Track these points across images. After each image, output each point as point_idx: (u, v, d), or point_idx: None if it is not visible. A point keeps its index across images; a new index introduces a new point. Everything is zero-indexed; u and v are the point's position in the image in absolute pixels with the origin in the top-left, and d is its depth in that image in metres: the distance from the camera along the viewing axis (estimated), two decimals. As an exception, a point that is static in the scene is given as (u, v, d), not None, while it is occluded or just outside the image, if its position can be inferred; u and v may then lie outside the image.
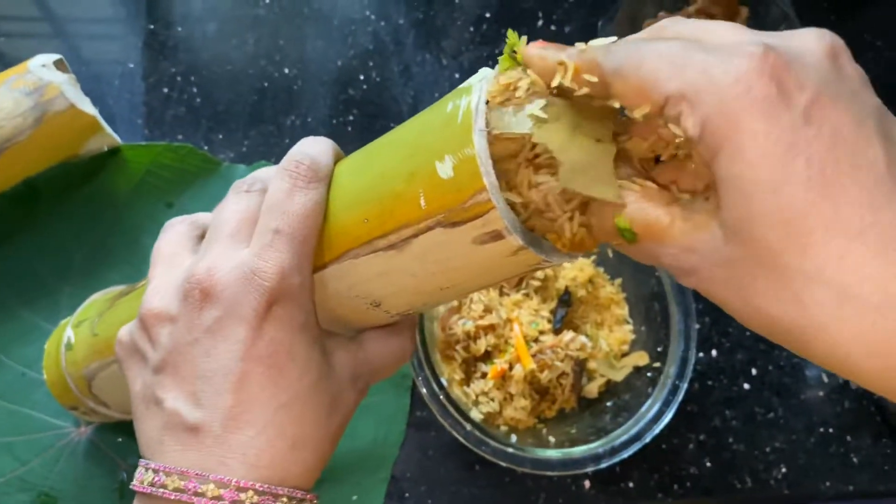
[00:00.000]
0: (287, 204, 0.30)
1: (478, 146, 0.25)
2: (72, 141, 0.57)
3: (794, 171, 0.21)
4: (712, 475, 0.61)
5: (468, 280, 0.29)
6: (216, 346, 0.30)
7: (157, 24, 0.65)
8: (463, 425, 0.51)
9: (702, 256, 0.24)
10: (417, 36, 0.67)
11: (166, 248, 0.35)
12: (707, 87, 0.22)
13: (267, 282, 0.29)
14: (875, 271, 0.20)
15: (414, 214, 0.27)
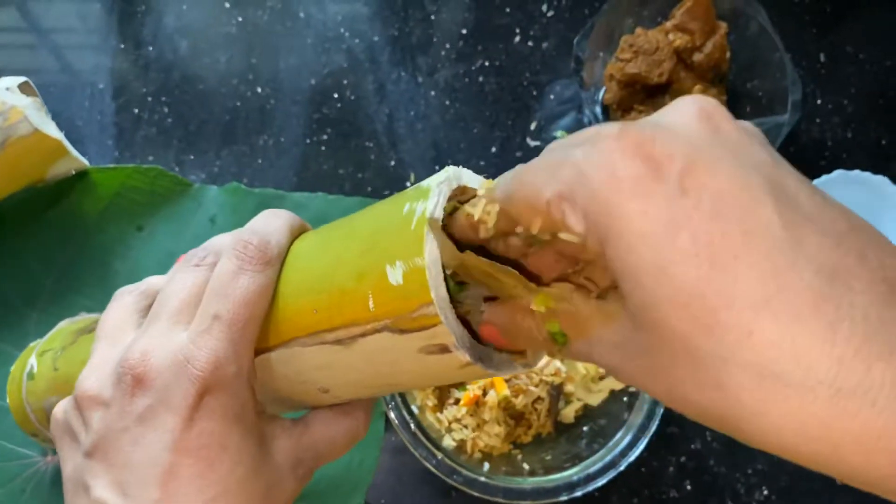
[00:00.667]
0: (230, 288, 0.29)
1: (428, 258, 0.25)
2: (37, 165, 0.56)
3: (680, 248, 0.19)
4: (693, 498, 0.60)
5: (417, 382, 0.29)
6: (145, 436, 0.29)
7: (127, 44, 0.65)
8: (434, 454, 0.51)
9: (622, 350, 0.22)
10: (393, 53, 0.67)
11: (110, 322, 0.34)
12: (579, 180, 0.21)
13: (200, 371, 0.28)
14: (791, 344, 0.18)
15: (362, 315, 0.27)
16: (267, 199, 0.60)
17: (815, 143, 0.68)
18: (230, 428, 0.29)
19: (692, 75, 0.64)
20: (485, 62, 0.67)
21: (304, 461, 0.32)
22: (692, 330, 0.19)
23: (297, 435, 0.32)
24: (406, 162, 0.64)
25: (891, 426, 0.18)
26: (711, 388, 0.20)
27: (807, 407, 0.18)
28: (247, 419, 0.30)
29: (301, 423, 0.33)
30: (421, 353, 0.26)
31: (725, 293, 0.19)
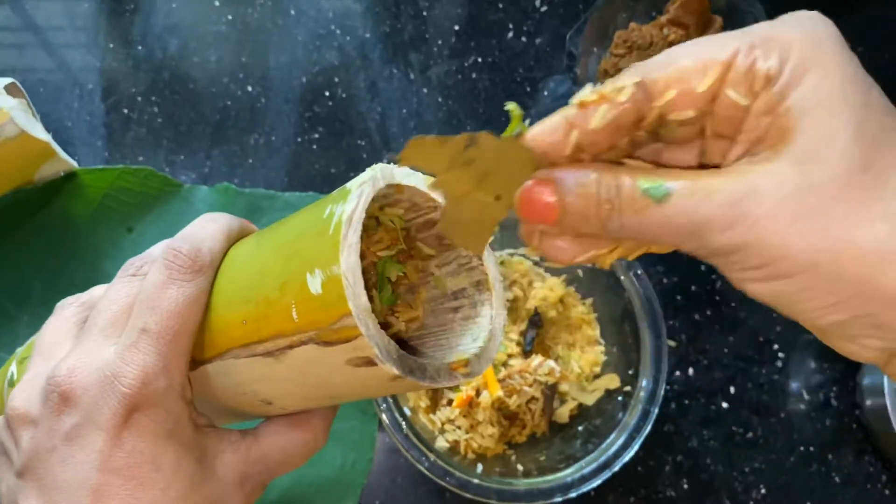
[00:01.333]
0: (158, 299, 0.28)
1: (345, 265, 0.23)
2: (24, 168, 0.55)
3: (873, 96, 0.21)
4: (690, 497, 0.60)
5: (356, 394, 0.27)
6: (74, 455, 0.28)
7: (115, 43, 0.64)
8: (427, 456, 0.50)
9: (762, 197, 0.21)
10: (384, 50, 0.66)
11: (48, 337, 0.32)
12: (781, 31, 0.22)
13: (126, 388, 0.27)
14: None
15: (287, 326, 0.25)
16: (258, 200, 0.59)
17: (813, 137, 0.68)
18: (162, 445, 0.28)
19: (687, 70, 0.63)
20: (478, 58, 0.67)
21: (252, 476, 0.31)
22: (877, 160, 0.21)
23: (245, 448, 0.31)
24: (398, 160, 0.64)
25: None
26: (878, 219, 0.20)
27: None
28: (182, 435, 0.29)
29: (250, 436, 0.31)
30: (349, 366, 0.25)
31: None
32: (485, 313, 0.29)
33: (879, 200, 0.20)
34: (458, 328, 0.30)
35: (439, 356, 0.29)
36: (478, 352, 0.28)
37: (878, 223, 0.20)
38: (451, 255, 0.30)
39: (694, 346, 0.62)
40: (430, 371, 0.26)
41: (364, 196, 0.25)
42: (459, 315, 0.30)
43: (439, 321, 0.31)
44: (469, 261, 0.29)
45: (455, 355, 0.29)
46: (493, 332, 0.29)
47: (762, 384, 0.62)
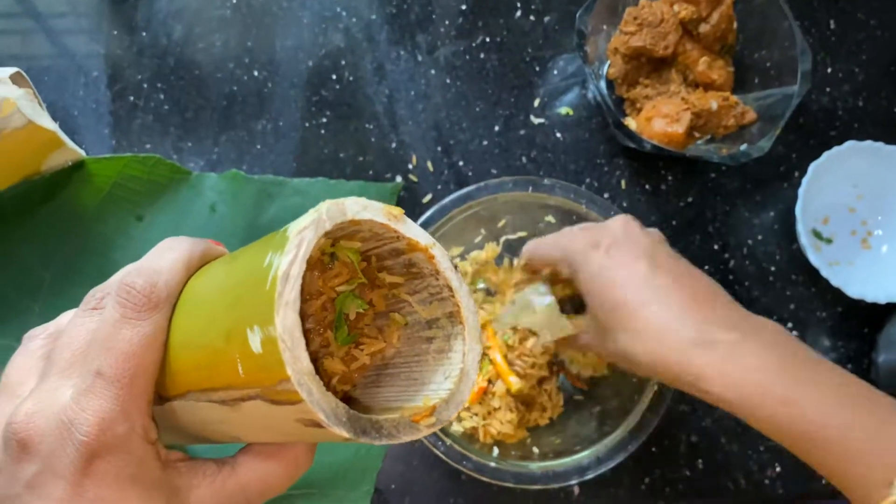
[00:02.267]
0: (112, 340, 0.26)
1: (280, 328, 0.22)
2: (32, 158, 0.55)
3: (610, 279, 0.46)
4: (705, 476, 0.60)
5: (318, 441, 0.26)
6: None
7: (119, 30, 0.63)
8: (443, 440, 0.50)
9: (590, 334, 0.50)
10: (391, 32, 0.65)
11: (13, 375, 0.30)
12: (567, 254, 0.49)
13: (84, 436, 0.26)
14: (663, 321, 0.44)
15: (235, 380, 0.24)
16: (267, 186, 0.59)
17: (826, 112, 0.67)
18: (125, 491, 0.26)
19: (698, 47, 0.62)
20: (486, 38, 0.66)
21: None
22: (616, 320, 0.45)
23: (221, 481, 0.29)
24: (407, 143, 0.63)
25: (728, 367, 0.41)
26: (626, 342, 0.45)
27: (666, 351, 0.43)
28: (147, 477, 0.27)
29: (227, 466, 0.29)
30: (299, 424, 0.24)
31: (630, 296, 0.45)
32: (457, 348, 0.27)
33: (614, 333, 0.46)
34: (432, 361, 0.28)
35: (410, 394, 0.28)
36: (446, 396, 0.26)
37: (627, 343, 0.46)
38: (420, 283, 0.28)
39: (708, 325, 0.62)
40: (388, 428, 0.24)
41: (305, 245, 0.23)
42: (433, 346, 0.29)
43: (414, 351, 0.29)
44: (440, 291, 0.28)
45: (422, 397, 0.27)
46: (465, 371, 0.27)
47: (776, 363, 0.62)
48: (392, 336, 0.29)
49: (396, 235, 0.27)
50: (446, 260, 0.28)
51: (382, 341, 0.29)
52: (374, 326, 0.30)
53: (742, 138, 0.60)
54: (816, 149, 0.63)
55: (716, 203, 0.64)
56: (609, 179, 0.64)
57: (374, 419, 0.24)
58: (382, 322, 0.30)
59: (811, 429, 0.40)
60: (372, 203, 0.25)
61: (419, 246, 0.27)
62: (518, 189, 0.54)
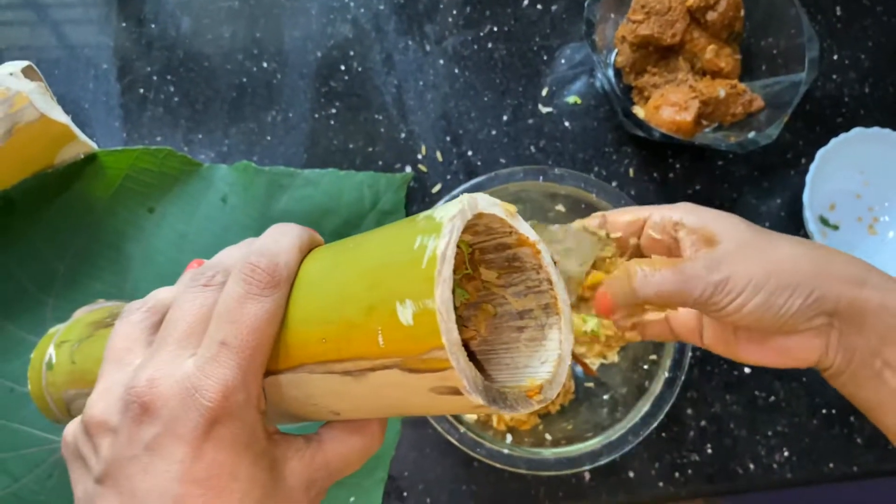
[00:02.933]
0: (237, 313, 0.28)
1: (439, 300, 0.24)
2: (45, 151, 0.55)
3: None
4: (714, 462, 0.60)
5: (429, 413, 0.28)
6: (154, 465, 0.28)
7: (128, 22, 0.63)
8: (457, 428, 0.51)
9: (724, 256, 0.40)
10: (399, 22, 0.65)
11: (119, 343, 0.32)
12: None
13: (208, 401, 0.27)
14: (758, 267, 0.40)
15: (371, 350, 0.26)
16: (278, 177, 0.59)
17: (832, 99, 0.67)
18: (240, 457, 0.28)
19: (706, 35, 0.62)
20: (493, 28, 0.66)
21: (316, 481, 0.31)
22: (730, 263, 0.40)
23: (310, 455, 0.31)
24: (416, 133, 0.63)
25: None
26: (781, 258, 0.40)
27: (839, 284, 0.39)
28: (256, 446, 0.29)
29: (314, 442, 0.32)
30: (432, 393, 0.25)
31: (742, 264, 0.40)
32: (553, 337, 0.30)
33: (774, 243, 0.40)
34: (525, 349, 0.30)
35: (505, 377, 0.30)
36: (549, 377, 0.28)
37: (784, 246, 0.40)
38: (519, 276, 0.30)
39: (716, 312, 0.62)
40: (511, 399, 0.26)
41: (456, 231, 0.25)
42: (525, 335, 0.30)
43: (502, 339, 0.31)
44: (539, 284, 0.30)
45: (526, 378, 0.29)
46: (563, 357, 0.29)
47: (784, 349, 0.62)
48: (480, 325, 0.31)
49: (510, 231, 0.29)
50: (548, 256, 0.30)
51: (473, 329, 0.31)
52: (461, 316, 0.32)
53: (750, 126, 0.60)
54: (823, 136, 0.63)
55: (723, 191, 0.65)
56: (617, 168, 0.64)
57: (500, 390, 0.26)
58: (469, 312, 0.32)
59: None
60: (496, 200, 0.28)
61: (528, 241, 0.29)
62: (528, 178, 0.55)
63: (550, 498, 0.58)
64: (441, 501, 0.58)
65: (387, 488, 0.57)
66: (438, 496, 0.58)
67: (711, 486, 0.60)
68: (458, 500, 0.58)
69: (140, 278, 0.58)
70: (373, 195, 0.60)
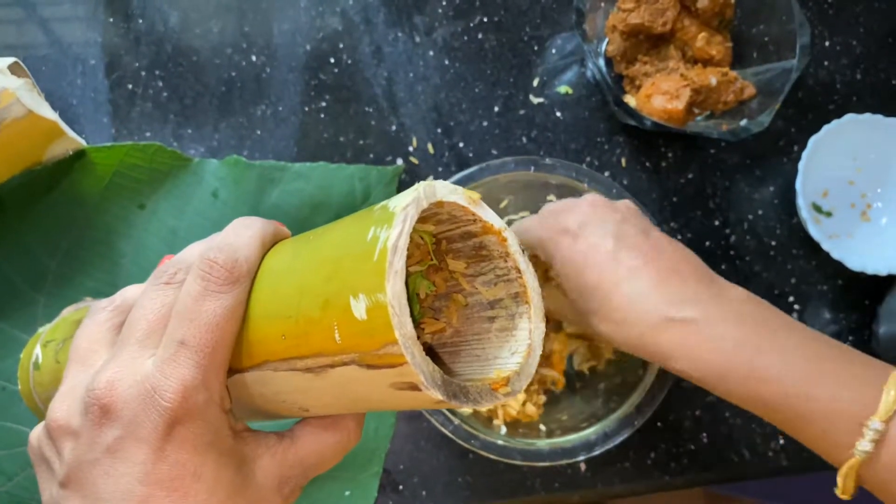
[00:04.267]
0: (196, 311, 0.28)
1: (390, 294, 0.23)
2: (33, 148, 0.55)
3: (580, 263, 0.46)
4: (710, 450, 0.60)
5: (396, 408, 0.28)
6: (116, 468, 0.28)
7: (115, 17, 0.63)
8: (451, 420, 0.51)
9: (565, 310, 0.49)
10: (388, 13, 0.65)
11: (83, 343, 0.32)
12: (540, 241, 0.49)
13: (167, 402, 0.27)
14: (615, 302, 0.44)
15: (329, 346, 0.25)
16: (268, 171, 0.59)
17: (824, 86, 0.67)
18: (203, 456, 0.28)
19: (696, 23, 0.62)
20: (483, 18, 0.66)
21: (290, 478, 0.31)
22: (589, 302, 0.45)
23: (282, 452, 0.31)
24: (407, 126, 0.63)
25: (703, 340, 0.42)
26: (600, 323, 0.45)
27: (637, 332, 0.43)
28: (221, 445, 0.29)
29: (287, 439, 0.31)
30: (392, 388, 0.25)
31: (600, 279, 0.45)
32: (523, 326, 0.29)
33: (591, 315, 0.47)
34: (495, 339, 0.30)
35: (475, 369, 0.30)
36: (517, 368, 0.28)
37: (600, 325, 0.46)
38: (487, 265, 0.30)
39: (710, 301, 0.62)
40: (473, 394, 0.26)
41: (409, 220, 0.24)
42: (496, 325, 0.30)
43: (474, 330, 0.30)
44: (507, 273, 0.29)
45: (493, 370, 0.29)
46: (533, 347, 0.29)
47: (779, 336, 0.62)
48: (452, 316, 0.31)
49: (473, 218, 0.28)
50: (516, 243, 0.29)
51: (443, 322, 0.31)
52: (431, 308, 0.31)
53: (741, 113, 0.60)
54: (815, 123, 0.63)
55: (716, 179, 0.64)
56: (609, 157, 0.64)
57: (461, 384, 0.26)
58: (441, 304, 0.31)
59: (775, 396, 0.40)
60: (457, 188, 0.27)
61: (493, 229, 0.28)
62: (520, 169, 0.55)
63: (546, 489, 0.58)
64: (436, 494, 0.58)
65: (382, 482, 0.57)
66: (434, 488, 0.58)
67: (707, 475, 0.60)
68: (454, 493, 0.58)
69: (132, 275, 0.57)
70: (364, 188, 0.60)
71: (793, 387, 0.40)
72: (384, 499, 0.58)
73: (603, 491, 0.59)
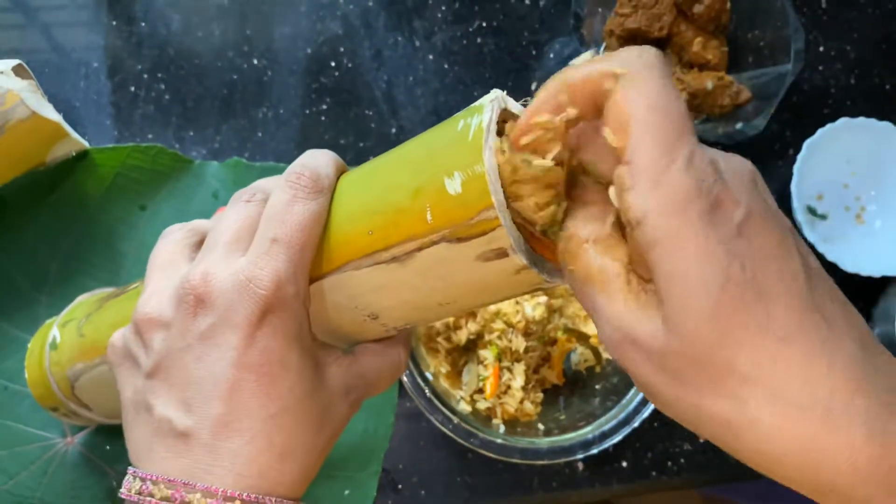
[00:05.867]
0: (286, 214, 0.30)
1: (487, 164, 0.26)
2: (36, 149, 0.55)
3: (732, 273, 0.22)
4: (706, 451, 0.61)
5: (469, 296, 0.29)
6: (209, 353, 0.29)
7: (118, 20, 0.64)
8: (450, 419, 0.51)
9: (639, 343, 0.24)
10: (388, 18, 0.66)
11: (163, 256, 0.34)
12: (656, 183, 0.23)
13: (262, 290, 0.29)
14: (803, 373, 0.22)
15: (420, 228, 0.27)
16: (268, 173, 0.59)
17: (819, 90, 0.68)
18: (290, 347, 0.30)
19: (692, 28, 0.63)
20: (482, 23, 0.66)
21: (354, 388, 0.33)
22: (723, 343, 0.22)
23: (348, 364, 0.33)
24: (407, 129, 0.64)
25: (861, 442, 0.22)
26: (727, 397, 0.23)
27: (801, 424, 0.22)
28: (304, 341, 0.31)
29: (350, 354, 0.33)
30: (478, 261, 0.27)
31: (759, 318, 0.22)
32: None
33: (725, 381, 0.23)
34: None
35: None
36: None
37: (722, 400, 0.23)
38: None
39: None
40: (548, 266, 0.27)
41: (496, 108, 0.27)
42: None
43: None
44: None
45: None
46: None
47: (774, 338, 0.63)
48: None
49: None
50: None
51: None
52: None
53: (737, 117, 0.61)
54: (810, 127, 0.64)
55: (712, 182, 0.65)
56: (607, 160, 0.65)
57: (538, 255, 0.27)
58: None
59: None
60: (519, 104, 0.29)
61: None
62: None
63: (544, 488, 0.58)
64: (436, 493, 0.58)
65: (381, 481, 0.58)
66: (433, 488, 0.58)
67: (704, 476, 0.61)
68: (453, 492, 0.58)
69: (133, 275, 0.58)
70: (364, 190, 0.60)
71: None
72: (383, 498, 0.58)
73: (601, 490, 0.59)
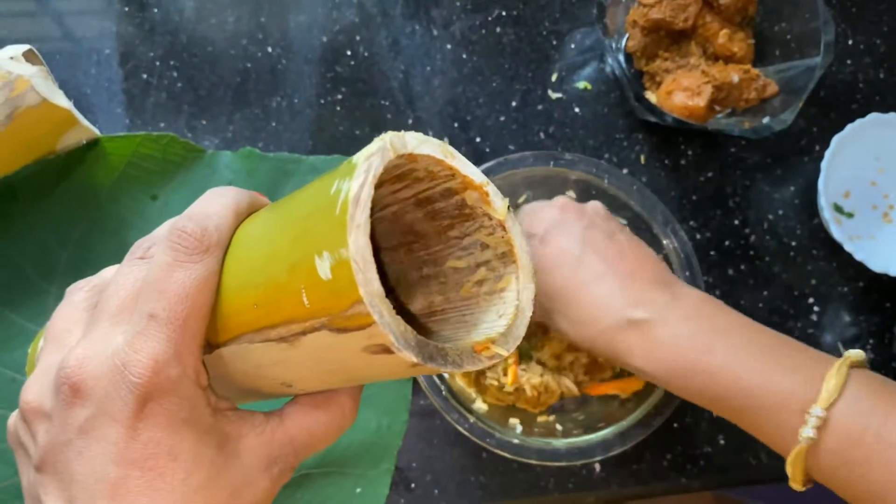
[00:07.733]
0: (165, 283, 0.26)
1: (353, 248, 0.21)
2: (47, 136, 0.54)
3: (545, 268, 0.47)
4: (726, 453, 0.59)
5: (376, 378, 0.26)
6: (89, 448, 0.26)
7: (131, 6, 0.62)
8: (466, 418, 0.50)
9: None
10: (405, 6, 0.64)
11: (58, 324, 0.31)
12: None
13: (137, 378, 0.26)
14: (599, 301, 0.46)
15: (298, 312, 0.24)
16: (283, 164, 0.58)
17: (847, 85, 0.66)
18: (179, 434, 0.27)
19: (718, 19, 0.61)
20: (501, 12, 0.65)
21: (279, 458, 0.30)
22: (553, 304, 0.48)
23: (270, 431, 0.29)
24: (424, 120, 0.62)
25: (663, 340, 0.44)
26: (562, 322, 0.48)
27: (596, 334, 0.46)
28: (199, 422, 0.27)
29: (275, 418, 0.30)
30: (365, 353, 0.23)
31: (565, 282, 0.47)
32: (511, 288, 0.27)
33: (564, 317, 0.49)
34: (483, 303, 0.28)
35: (462, 335, 0.28)
36: (503, 330, 0.26)
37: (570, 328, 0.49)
38: (472, 224, 0.28)
39: (729, 300, 0.61)
40: (452, 356, 0.24)
41: (372, 170, 0.22)
42: (483, 289, 0.28)
43: (461, 295, 0.29)
44: (492, 231, 0.28)
45: (481, 334, 0.27)
46: (521, 308, 0.27)
47: (797, 338, 0.61)
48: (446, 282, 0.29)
49: (451, 173, 0.26)
50: (499, 199, 0.27)
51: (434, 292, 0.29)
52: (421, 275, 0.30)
53: (763, 112, 0.59)
54: (837, 122, 0.62)
55: (736, 177, 0.64)
56: (628, 154, 0.63)
57: (439, 346, 0.24)
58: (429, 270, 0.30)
59: (724, 390, 0.43)
60: (429, 139, 0.25)
61: (474, 184, 0.26)
62: (539, 164, 0.54)
63: (560, 489, 0.57)
64: (449, 492, 0.57)
65: (394, 479, 0.56)
66: (447, 487, 0.57)
67: (723, 478, 0.59)
68: (467, 492, 0.57)
69: (143, 266, 0.57)
70: (379, 182, 0.59)
71: (740, 380, 0.42)
72: (396, 497, 0.57)
73: (618, 492, 0.58)
